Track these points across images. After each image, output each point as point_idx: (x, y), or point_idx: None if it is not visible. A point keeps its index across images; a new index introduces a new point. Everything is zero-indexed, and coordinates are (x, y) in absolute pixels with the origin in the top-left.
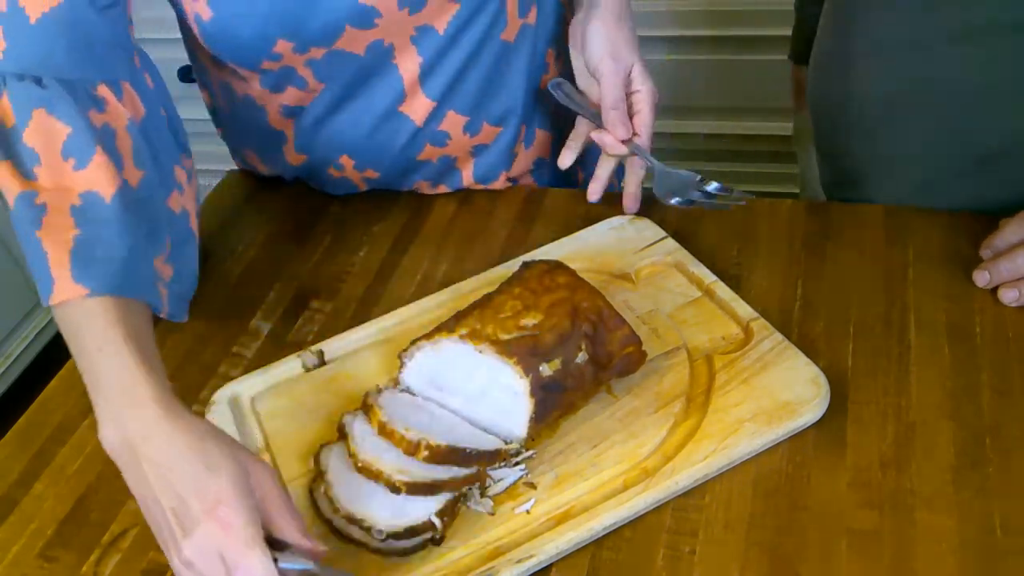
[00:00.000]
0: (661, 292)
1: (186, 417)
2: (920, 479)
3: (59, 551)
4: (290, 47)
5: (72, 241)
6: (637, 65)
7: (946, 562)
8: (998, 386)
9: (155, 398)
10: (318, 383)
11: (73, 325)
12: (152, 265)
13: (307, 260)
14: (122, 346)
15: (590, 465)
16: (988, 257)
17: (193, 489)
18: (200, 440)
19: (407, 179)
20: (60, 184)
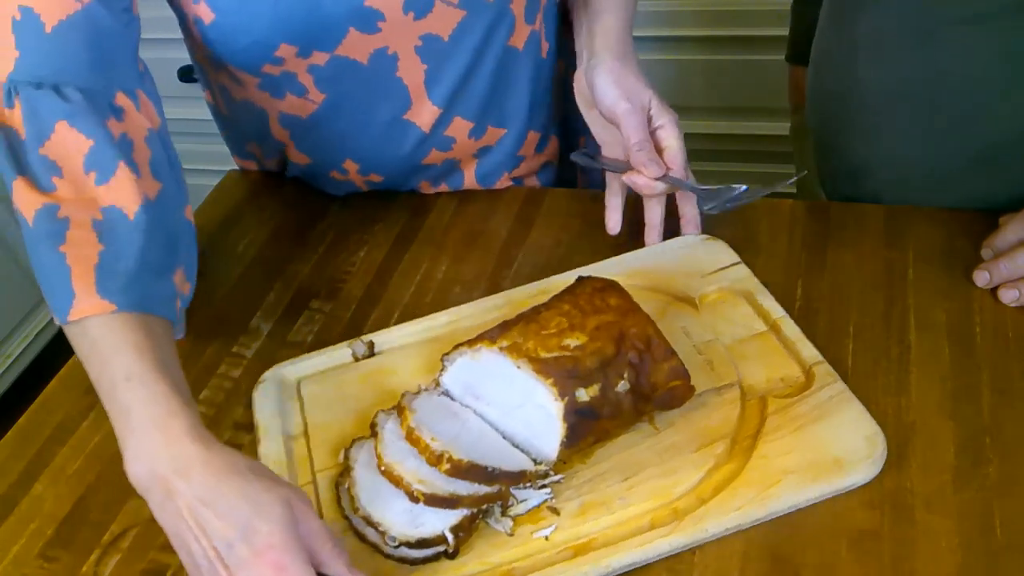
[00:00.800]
0: (724, 322)
1: (223, 452)
2: (920, 479)
3: (59, 551)
4: (293, 51)
5: (97, 256)
6: (653, 99)
7: (946, 562)
8: (998, 386)
9: (190, 432)
10: (363, 374)
11: (94, 347)
12: (172, 281)
13: (307, 260)
14: (152, 375)
15: (618, 497)
16: (988, 257)
17: (241, 531)
18: (243, 478)
19: (410, 181)
20: (82, 197)
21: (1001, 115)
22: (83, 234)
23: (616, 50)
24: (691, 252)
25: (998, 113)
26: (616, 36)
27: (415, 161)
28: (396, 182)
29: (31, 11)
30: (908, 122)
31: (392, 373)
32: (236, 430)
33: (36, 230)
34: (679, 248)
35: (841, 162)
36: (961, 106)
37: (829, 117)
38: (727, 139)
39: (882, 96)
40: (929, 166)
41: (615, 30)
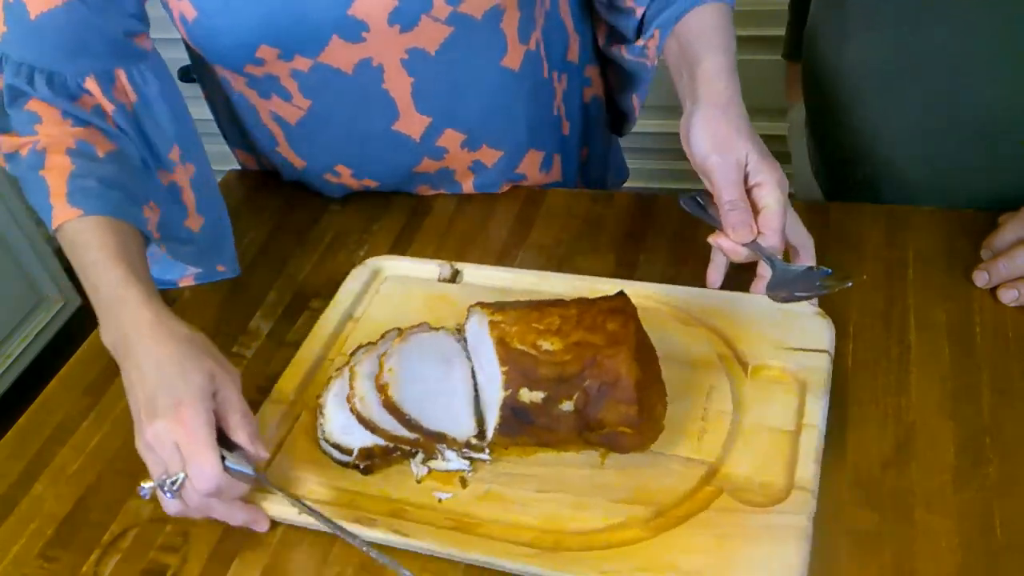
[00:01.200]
0: (759, 403)
1: (169, 322)
2: (920, 479)
3: (59, 551)
4: (274, 53)
5: (68, 174)
6: (752, 154)
7: (946, 562)
8: (998, 386)
9: (142, 304)
10: (433, 295)
11: (71, 244)
12: (139, 205)
13: (307, 260)
14: (111, 261)
15: (520, 503)
16: (987, 257)
17: (163, 387)
18: (178, 345)
19: (407, 186)
20: (60, 133)
21: (993, 89)
22: (58, 159)
23: (715, 97)
24: (787, 318)
25: (989, 87)
26: (716, 81)
27: (408, 169)
28: (392, 187)
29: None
30: (900, 99)
31: (454, 304)
32: None
33: (21, 163)
34: (777, 308)
35: (836, 147)
36: (952, 81)
37: (823, 101)
38: None
39: (874, 74)
40: (921, 144)
41: (715, 75)
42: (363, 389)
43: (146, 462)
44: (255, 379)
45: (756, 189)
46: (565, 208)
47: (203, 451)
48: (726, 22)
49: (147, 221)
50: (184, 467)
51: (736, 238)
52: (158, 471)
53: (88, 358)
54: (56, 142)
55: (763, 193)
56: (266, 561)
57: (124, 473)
